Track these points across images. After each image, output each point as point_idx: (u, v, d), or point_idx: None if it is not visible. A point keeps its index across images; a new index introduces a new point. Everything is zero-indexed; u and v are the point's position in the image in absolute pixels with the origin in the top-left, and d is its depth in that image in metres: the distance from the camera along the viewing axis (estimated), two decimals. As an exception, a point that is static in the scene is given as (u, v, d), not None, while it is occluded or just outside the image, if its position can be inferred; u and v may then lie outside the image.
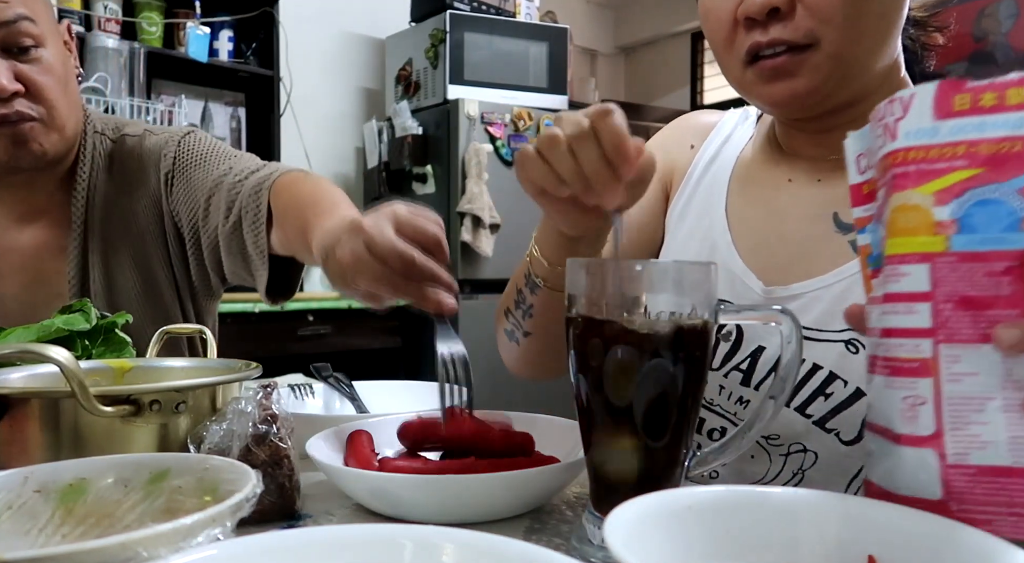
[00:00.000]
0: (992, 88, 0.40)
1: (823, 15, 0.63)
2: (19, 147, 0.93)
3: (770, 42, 0.64)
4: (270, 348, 2.64)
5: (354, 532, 0.38)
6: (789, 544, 0.39)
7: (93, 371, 0.71)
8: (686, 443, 0.48)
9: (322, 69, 3.51)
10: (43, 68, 0.92)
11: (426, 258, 0.59)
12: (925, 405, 0.40)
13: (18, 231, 1.03)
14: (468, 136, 3.15)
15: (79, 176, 1.03)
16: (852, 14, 0.63)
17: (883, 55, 0.67)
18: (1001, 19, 3.54)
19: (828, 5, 0.62)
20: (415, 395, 0.91)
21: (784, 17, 0.64)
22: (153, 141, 1.08)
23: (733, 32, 0.67)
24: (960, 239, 0.40)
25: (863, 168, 0.48)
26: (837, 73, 0.65)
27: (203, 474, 0.47)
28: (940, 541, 0.36)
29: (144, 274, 1.06)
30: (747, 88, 0.70)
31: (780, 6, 0.63)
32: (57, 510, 0.45)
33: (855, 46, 0.64)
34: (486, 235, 3.11)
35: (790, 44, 0.64)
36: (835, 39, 0.63)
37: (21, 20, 0.89)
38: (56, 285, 1.03)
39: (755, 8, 0.64)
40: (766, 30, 0.64)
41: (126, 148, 1.08)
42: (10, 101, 0.90)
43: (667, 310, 0.46)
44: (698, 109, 4.89)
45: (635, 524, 0.36)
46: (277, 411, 0.57)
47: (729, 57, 0.69)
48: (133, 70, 2.71)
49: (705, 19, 0.70)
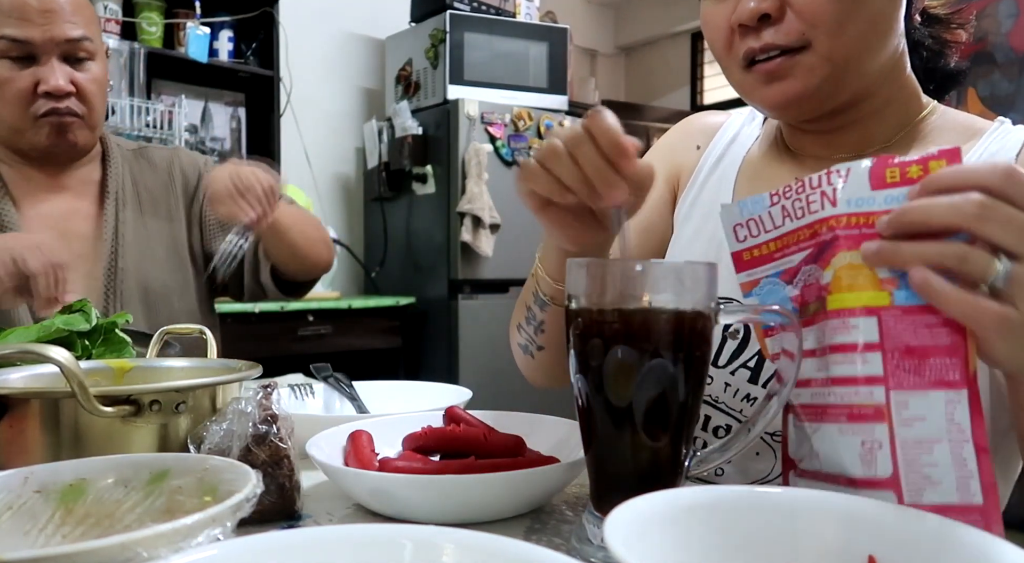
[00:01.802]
0: (918, 162, 0.44)
1: (812, 18, 0.64)
2: (60, 136, 1.14)
3: (763, 47, 0.66)
4: (270, 348, 2.64)
5: (354, 532, 0.38)
6: (789, 544, 0.39)
7: (93, 371, 0.71)
8: (686, 443, 0.48)
9: (322, 69, 3.51)
10: (91, 77, 1.15)
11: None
12: (882, 449, 0.43)
13: (52, 198, 1.20)
14: (468, 136, 3.15)
15: (112, 160, 1.24)
16: (841, 17, 0.64)
17: (879, 56, 0.68)
18: (1001, 19, 3.54)
19: (816, 8, 0.63)
20: (415, 395, 0.91)
21: (775, 22, 0.65)
22: (189, 157, 1.34)
23: (730, 39, 0.69)
24: (901, 294, 0.43)
25: (742, 237, 0.52)
26: (832, 74, 0.66)
27: (203, 474, 0.47)
28: (940, 541, 0.36)
29: (173, 249, 1.26)
30: (747, 91, 0.71)
31: (770, 12, 0.65)
32: (57, 510, 0.45)
33: (847, 48, 0.65)
34: (486, 235, 3.11)
35: (783, 48, 0.66)
36: (826, 41, 0.64)
37: (84, 40, 1.13)
38: (83, 246, 1.18)
39: (746, 15, 0.66)
40: (759, 35, 0.66)
41: (155, 154, 1.31)
42: (64, 98, 1.12)
43: (668, 310, 0.46)
44: (698, 109, 4.91)
45: (635, 524, 0.36)
46: (277, 411, 0.57)
47: (729, 62, 0.71)
48: (133, 70, 2.71)
49: (705, 27, 0.72)
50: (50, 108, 1.11)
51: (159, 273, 1.22)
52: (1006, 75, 3.50)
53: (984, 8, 3.58)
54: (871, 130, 0.72)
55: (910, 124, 0.72)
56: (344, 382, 0.93)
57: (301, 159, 3.33)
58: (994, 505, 0.42)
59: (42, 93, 1.10)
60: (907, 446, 0.42)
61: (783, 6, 0.65)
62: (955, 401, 0.42)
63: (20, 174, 1.18)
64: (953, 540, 0.35)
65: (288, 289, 1.27)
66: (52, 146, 1.14)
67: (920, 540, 0.36)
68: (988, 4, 3.56)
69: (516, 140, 3.27)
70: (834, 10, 0.63)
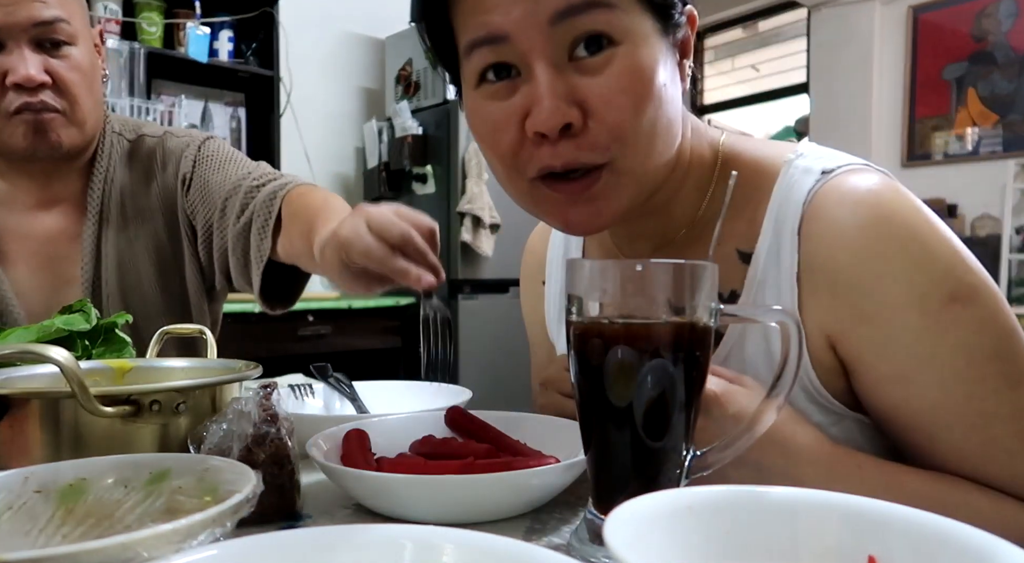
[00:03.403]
0: None
1: (618, 132, 0.57)
2: (38, 136, 0.98)
3: (564, 166, 0.58)
4: (270, 348, 2.64)
5: (354, 532, 0.38)
6: (789, 544, 0.39)
7: (93, 371, 0.71)
8: (686, 443, 0.48)
9: (322, 69, 3.51)
10: (71, 65, 0.98)
11: (419, 238, 0.60)
12: None
13: (33, 218, 1.07)
14: (468, 136, 3.15)
15: (97, 168, 1.08)
16: (646, 128, 0.57)
17: (671, 157, 0.63)
18: (1001, 19, 3.54)
19: (622, 120, 0.56)
20: (415, 395, 0.91)
21: (576, 134, 0.57)
22: (174, 142, 1.13)
23: (518, 145, 0.59)
24: None
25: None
26: (637, 191, 0.61)
27: (203, 474, 0.47)
28: (940, 541, 0.35)
29: (158, 266, 1.10)
30: (543, 209, 0.63)
31: (573, 121, 0.56)
32: (57, 510, 0.45)
33: (648, 160, 0.59)
34: (486, 235, 3.11)
35: (585, 167, 0.58)
36: (630, 157, 0.58)
37: (58, 21, 0.96)
38: (68, 270, 1.07)
39: (547, 126, 0.56)
40: (556, 149, 0.57)
41: (145, 147, 1.13)
42: (36, 91, 0.96)
43: (667, 310, 0.46)
44: (698, 109, 4.89)
45: (635, 524, 0.36)
46: (277, 411, 0.57)
47: (512, 173, 0.62)
48: (133, 70, 2.71)
49: (482, 125, 0.61)
50: (23, 103, 0.95)
51: (145, 291, 1.09)
52: (1006, 75, 3.50)
53: (984, 8, 3.58)
54: (672, 221, 0.69)
55: (708, 188, 0.68)
56: (344, 382, 0.93)
57: (301, 159, 3.33)
58: None
59: (11, 85, 0.94)
60: None
61: (584, 113, 0.56)
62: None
63: (2, 185, 1.05)
64: (953, 540, 0.35)
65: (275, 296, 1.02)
66: (31, 148, 0.99)
67: (920, 540, 0.36)
68: (988, 4, 3.56)
69: (516, 140, 3.27)
70: (637, 123, 0.57)
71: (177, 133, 1.16)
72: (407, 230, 0.60)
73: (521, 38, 0.56)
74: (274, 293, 1.00)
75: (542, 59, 0.56)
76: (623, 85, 0.56)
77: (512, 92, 0.58)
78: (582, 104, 0.56)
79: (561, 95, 0.56)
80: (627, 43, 0.56)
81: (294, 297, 1.03)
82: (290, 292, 1.02)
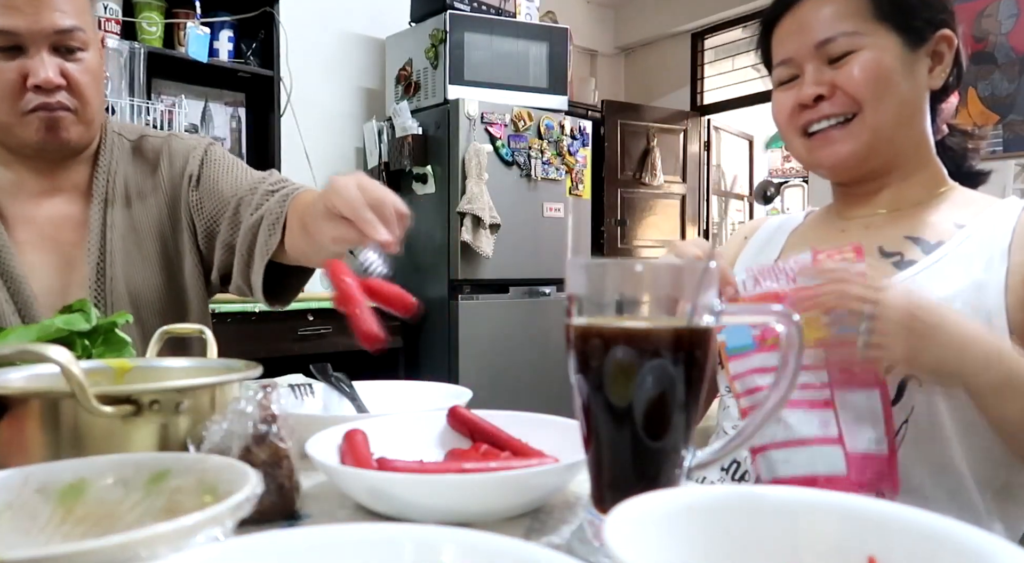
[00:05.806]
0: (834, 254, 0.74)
1: (856, 94, 0.85)
2: (50, 132, 1.08)
3: (820, 117, 0.87)
4: (270, 348, 2.64)
5: (354, 532, 0.38)
6: (789, 544, 0.39)
7: (93, 371, 0.71)
8: (686, 443, 0.48)
9: (322, 69, 3.51)
10: (84, 69, 1.08)
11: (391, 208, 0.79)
12: (831, 421, 0.75)
13: (40, 205, 1.14)
14: (468, 136, 3.15)
15: (101, 159, 1.17)
16: (880, 94, 0.84)
17: (906, 132, 0.87)
18: (1001, 19, 3.54)
19: (860, 88, 0.84)
20: (415, 395, 0.91)
21: (827, 98, 0.86)
22: (180, 144, 1.23)
23: (792, 114, 0.90)
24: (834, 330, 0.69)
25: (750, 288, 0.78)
26: (871, 141, 0.85)
27: (203, 474, 0.47)
28: (940, 541, 0.36)
29: (161, 250, 1.18)
30: (806, 154, 0.91)
31: (823, 93, 0.86)
32: (57, 510, 0.45)
33: (883, 120, 0.85)
34: (486, 235, 3.11)
35: (835, 116, 0.86)
36: (869, 112, 0.84)
37: (76, 30, 1.06)
38: (75, 252, 1.13)
39: (805, 97, 0.88)
40: (816, 109, 0.88)
41: (148, 145, 1.23)
42: (53, 92, 1.06)
43: (667, 310, 0.46)
44: (698, 109, 4.90)
45: (635, 524, 0.36)
46: (277, 411, 0.57)
47: (790, 132, 0.92)
48: (133, 70, 2.71)
49: (774, 108, 0.94)
50: (40, 102, 1.05)
51: (148, 277, 1.16)
52: (1006, 75, 3.50)
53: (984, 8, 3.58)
54: (903, 193, 0.90)
55: (935, 193, 0.89)
56: (344, 382, 0.93)
57: (301, 159, 3.33)
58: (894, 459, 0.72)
59: (31, 87, 1.04)
60: (846, 420, 0.74)
61: (833, 88, 0.86)
62: (872, 396, 0.73)
63: (9, 175, 1.13)
64: (953, 540, 0.35)
65: (275, 293, 1.14)
66: (43, 143, 1.08)
67: (920, 540, 0.36)
68: (988, 4, 3.56)
69: (516, 140, 3.27)
70: (873, 89, 0.84)
71: (182, 136, 1.25)
72: (385, 195, 0.79)
73: (798, 59, 0.90)
74: (274, 292, 1.11)
75: (809, 66, 0.89)
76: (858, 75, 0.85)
77: (791, 88, 0.91)
78: (830, 84, 0.86)
79: (817, 82, 0.87)
80: (866, 50, 0.85)
81: (292, 295, 1.15)
82: (290, 292, 1.14)
